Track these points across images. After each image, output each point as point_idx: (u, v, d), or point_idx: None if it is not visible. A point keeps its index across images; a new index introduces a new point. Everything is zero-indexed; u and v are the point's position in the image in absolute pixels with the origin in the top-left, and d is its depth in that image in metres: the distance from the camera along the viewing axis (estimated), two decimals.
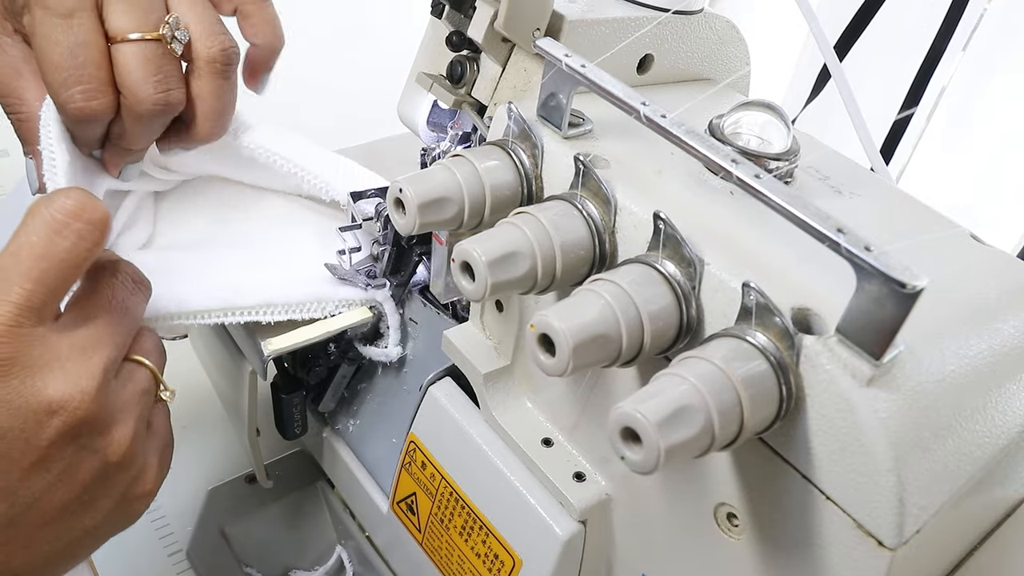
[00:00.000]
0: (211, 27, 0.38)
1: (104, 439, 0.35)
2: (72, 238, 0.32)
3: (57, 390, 0.32)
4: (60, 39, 0.35)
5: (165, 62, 0.37)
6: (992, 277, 0.34)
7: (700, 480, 0.32)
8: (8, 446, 0.32)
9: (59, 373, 0.33)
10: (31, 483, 0.33)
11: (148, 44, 0.36)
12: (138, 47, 0.36)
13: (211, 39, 0.38)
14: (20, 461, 0.32)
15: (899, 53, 1.15)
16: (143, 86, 0.37)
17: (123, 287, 0.36)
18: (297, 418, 0.50)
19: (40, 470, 0.33)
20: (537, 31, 0.36)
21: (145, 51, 0.36)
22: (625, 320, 0.27)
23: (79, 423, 0.33)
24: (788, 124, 0.34)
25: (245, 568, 0.55)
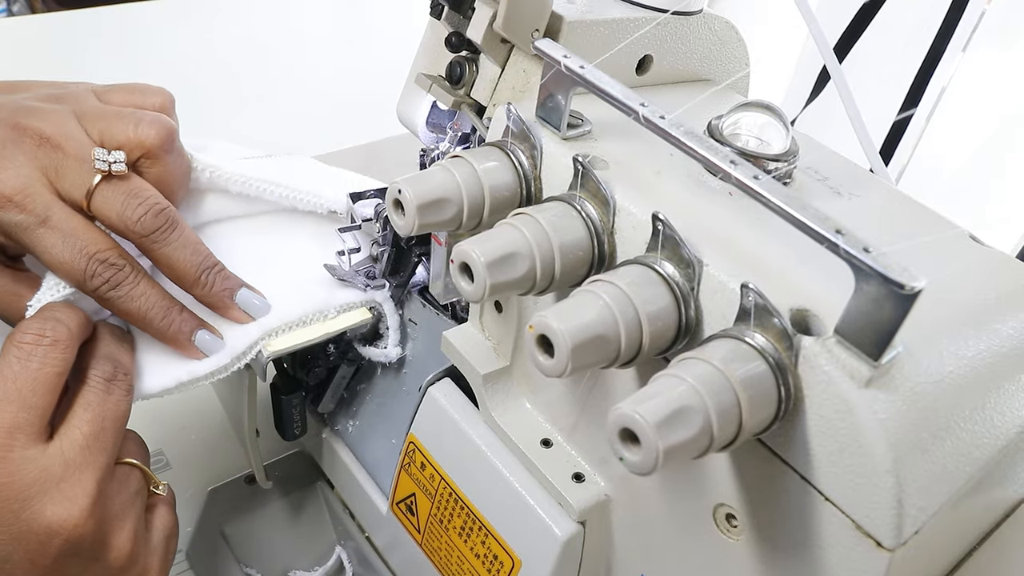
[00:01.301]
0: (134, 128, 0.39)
1: (105, 548, 0.36)
2: (37, 360, 0.35)
3: (55, 512, 0.34)
4: (53, 241, 0.37)
5: (121, 187, 0.39)
6: (991, 278, 0.34)
7: (699, 481, 0.32)
8: (13, 568, 0.34)
9: (55, 494, 0.34)
10: None
11: (100, 188, 0.38)
12: (97, 198, 0.38)
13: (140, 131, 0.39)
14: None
15: (899, 53, 1.15)
16: (124, 218, 0.38)
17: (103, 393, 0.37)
18: (297, 419, 0.50)
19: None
20: (536, 32, 0.36)
21: (103, 195, 0.38)
22: (624, 321, 0.27)
23: (79, 540, 0.35)
24: (787, 125, 0.34)
25: (245, 568, 0.55)
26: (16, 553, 0.34)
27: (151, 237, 0.39)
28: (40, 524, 0.34)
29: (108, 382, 0.37)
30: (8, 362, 0.35)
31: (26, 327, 0.36)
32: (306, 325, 0.44)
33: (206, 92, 0.46)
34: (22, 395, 0.35)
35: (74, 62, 0.96)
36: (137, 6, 1.10)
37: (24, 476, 0.34)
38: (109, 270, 0.38)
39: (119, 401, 0.38)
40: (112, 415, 0.37)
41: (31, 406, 0.35)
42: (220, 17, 1.14)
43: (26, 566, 0.34)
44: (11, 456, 0.34)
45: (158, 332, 0.40)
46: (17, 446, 0.34)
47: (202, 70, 0.90)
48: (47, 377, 0.35)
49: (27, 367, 0.35)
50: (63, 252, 0.37)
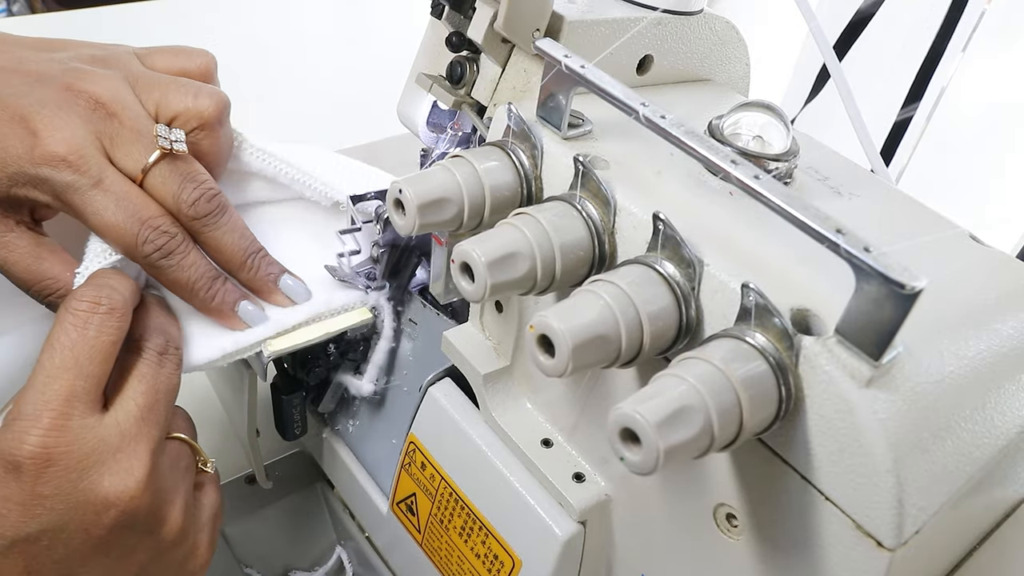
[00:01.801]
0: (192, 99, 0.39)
1: (158, 521, 0.36)
2: (94, 328, 0.35)
3: (112, 483, 0.34)
4: (104, 205, 0.37)
5: (179, 168, 0.38)
6: (991, 278, 0.34)
7: (699, 481, 0.32)
8: (69, 537, 0.33)
9: (112, 465, 0.34)
10: (91, 568, 0.34)
11: (159, 165, 0.38)
12: (154, 173, 0.38)
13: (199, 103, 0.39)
14: (80, 550, 0.34)
15: (899, 53, 1.15)
16: (179, 199, 0.38)
17: (155, 365, 0.37)
18: (297, 419, 0.50)
19: (99, 556, 0.34)
20: (537, 32, 0.36)
21: (161, 173, 0.38)
22: (624, 321, 0.27)
23: (134, 512, 0.34)
24: (787, 125, 0.34)
25: (245, 568, 0.55)
26: (72, 523, 0.33)
27: (203, 220, 0.39)
28: (97, 495, 0.33)
29: (161, 355, 0.37)
30: (64, 329, 0.35)
31: (81, 294, 0.36)
32: (306, 325, 0.44)
33: None
34: (79, 363, 0.34)
35: None
36: (137, 6, 1.09)
37: (82, 446, 0.33)
38: (162, 237, 0.38)
39: (171, 374, 0.37)
40: (165, 388, 0.37)
41: (88, 375, 0.34)
42: (220, 17, 1.13)
43: (81, 536, 0.33)
44: (69, 425, 0.33)
45: (203, 303, 0.40)
46: (75, 415, 0.34)
47: None
48: (103, 345, 0.35)
49: (84, 335, 0.35)
50: (116, 215, 0.37)
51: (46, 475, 0.33)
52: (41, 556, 0.33)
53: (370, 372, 0.48)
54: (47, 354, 0.34)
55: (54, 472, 0.33)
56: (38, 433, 0.33)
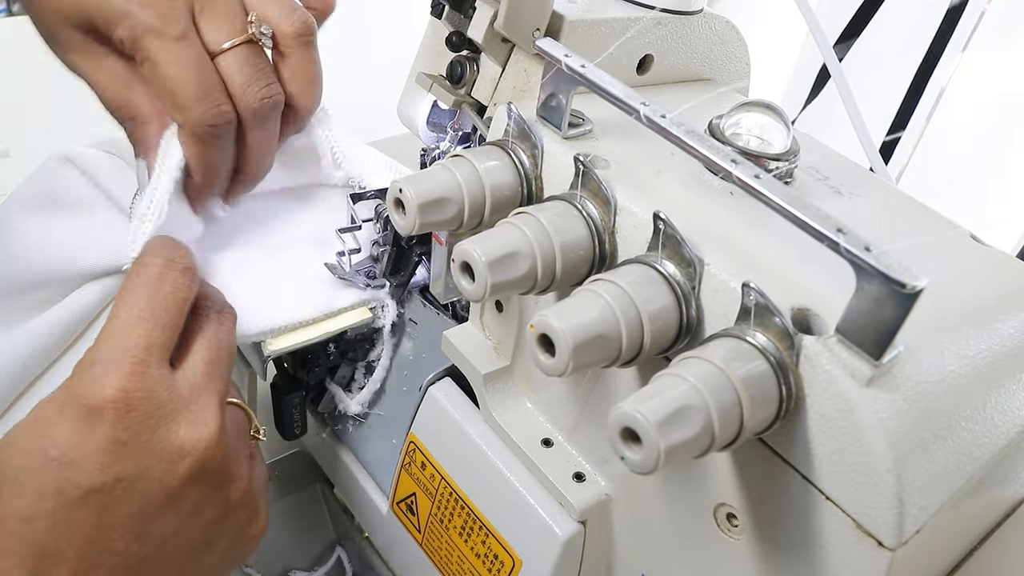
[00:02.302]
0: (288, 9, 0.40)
1: (227, 478, 0.36)
2: (170, 283, 0.35)
3: (188, 432, 0.34)
4: (182, 59, 0.36)
5: (259, 60, 0.39)
6: (992, 277, 0.34)
7: (700, 480, 0.32)
8: (144, 487, 0.33)
9: (187, 415, 0.34)
10: (162, 523, 0.34)
11: (242, 49, 0.38)
12: (234, 55, 0.38)
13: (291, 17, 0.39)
14: (154, 502, 0.34)
15: (899, 53, 1.15)
16: (249, 88, 0.38)
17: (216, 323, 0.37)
18: (297, 418, 0.50)
19: (171, 510, 0.34)
20: (537, 31, 0.36)
21: (241, 56, 0.38)
22: (625, 320, 0.27)
23: (206, 464, 0.35)
24: (788, 124, 0.34)
25: (245, 568, 0.55)
26: (147, 472, 0.33)
27: (258, 117, 0.39)
28: (173, 443, 0.33)
29: (219, 313, 0.38)
30: (142, 281, 0.35)
31: (155, 251, 0.36)
32: (306, 325, 0.44)
33: None
34: (156, 314, 0.35)
35: None
36: None
37: (160, 394, 0.34)
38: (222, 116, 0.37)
39: (230, 331, 0.38)
40: (226, 344, 0.37)
41: (164, 326, 0.35)
42: None
43: (156, 486, 0.33)
44: (148, 372, 0.34)
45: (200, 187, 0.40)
46: (153, 363, 0.34)
47: None
48: (177, 301, 0.35)
49: (160, 289, 0.35)
50: (189, 72, 0.36)
51: (125, 420, 0.33)
52: (114, 508, 0.33)
53: (362, 395, 0.48)
54: (123, 304, 0.35)
55: (133, 418, 0.33)
56: (119, 377, 0.33)
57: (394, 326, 0.47)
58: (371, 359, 0.49)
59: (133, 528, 0.33)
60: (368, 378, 0.48)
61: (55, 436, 0.32)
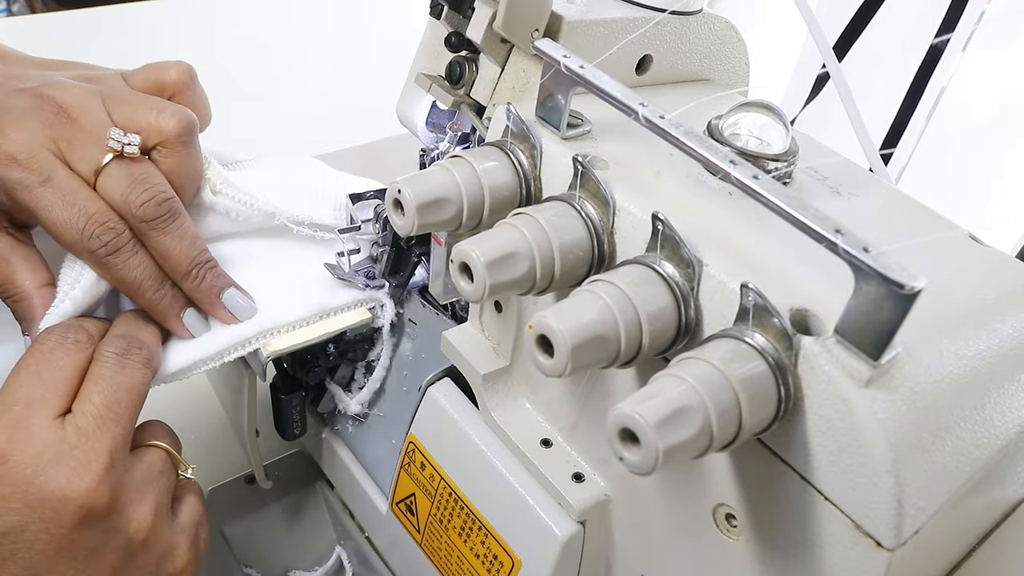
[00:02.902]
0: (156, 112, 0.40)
1: (123, 518, 0.36)
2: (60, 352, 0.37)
3: (68, 478, 0.34)
4: (52, 201, 0.37)
5: (131, 169, 0.39)
6: (991, 278, 0.34)
7: (699, 481, 0.32)
8: (32, 539, 0.34)
9: (69, 461, 0.34)
10: (61, 571, 0.34)
11: (110, 167, 0.38)
12: (105, 175, 0.38)
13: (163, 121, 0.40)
14: (46, 551, 0.34)
15: (899, 53, 1.15)
16: (128, 200, 0.38)
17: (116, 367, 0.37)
18: (296, 419, 0.50)
19: (67, 558, 0.34)
20: (536, 32, 0.36)
21: (112, 174, 0.38)
22: (624, 321, 0.27)
23: (92, 507, 0.35)
24: (787, 125, 0.34)
25: (245, 568, 0.55)
26: (32, 523, 0.34)
27: (151, 223, 0.39)
28: (53, 491, 0.34)
29: (121, 356, 0.38)
30: (32, 354, 0.37)
31: (51, 331, 0.38)
32: (306, 325, 0.44)
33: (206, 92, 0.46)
34: (43, 378, 0.36)
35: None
36: (137, 6, 1.09)
37: (38, 443, 0.34)
38: (108, 233, 0.38)
39: (133, 374, 0.38)
40: (126, 387, 0.37)
41: (49, 386, 0.36)
42: (220, 17, 1.13)
43: (44, 537, 0.34)
44: (27, 424, 0.34)
45: (150, 304, 0.40)
46: (34, 417, 0.35)
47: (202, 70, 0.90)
48: (66, 366, 0.37)
49: (49, 358, 0.37)
50: (62, 210, 0.37)
51: (2, 472, 0.33)
52: (7, 561, 0.33)
53: (361, 395, 0.48)
54: (13, 374, 0.36)
55: (9, 469, 0.34)
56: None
57: (393, 326, 0.47)
58: (371, 359, 0.49)
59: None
60: (368, 378, 0.49)
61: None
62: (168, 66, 0.44)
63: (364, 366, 0.49)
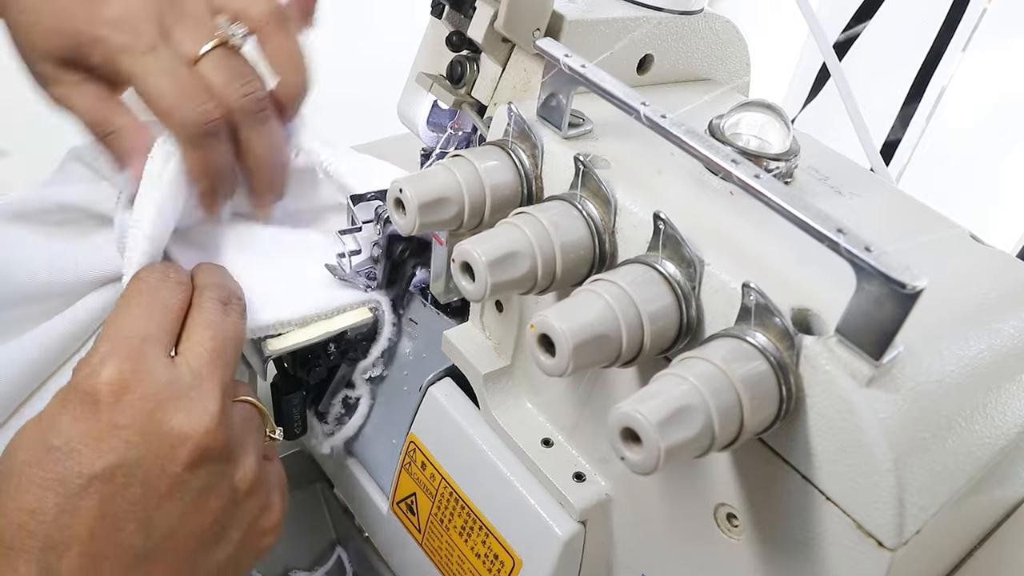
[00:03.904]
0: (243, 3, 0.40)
1: (232, 466, 0.36)
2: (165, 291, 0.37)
3: (187, 417, 0.34)
4: (157, 70, 0.37)
5: (234, 60, 0.39)
6: (992, 277, 0.34)
7: (700, 480, 0.32)
8: (145, 473, 0.33)
9: (186, 400, 0.34)
10: (167, 512, 0.34)
11: (216, 52, 0.38)
12: (209, 59, 0.38)
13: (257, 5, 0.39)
14: (157, 487, 0.34)
15: (899, 53, 1.15)
16: (228, 88, 0.38)
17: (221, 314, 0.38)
18: (297, 418, 0.50)
19: (175, 498, 0.34)
20: (537, 31, 0.36)
21: (216, 60, 0.38)
22: (625, 320, 0.27)
23: (208, 448, 0.35)
24: (788, 124, 0.34)
25: None
26: (147, 458, 0.33)
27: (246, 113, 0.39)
28: (172, 428, 0.34)
29: (224, 304, 0.38)
30: (137, 290, 0.37)
31: (151, 268, 0.38)
32: (307, 325, 0.44)
33: None
34: (152, 314, 0.36)
35: None
36: None
37: (158, 378, 0.34)
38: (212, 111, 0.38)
39: (236, 322, 0.38)
40: (232, 335, 0.37)
41: (160, 324, 0.36)
42: None
43: (157, 472, 0.33)
44: (144, 358, 0.34)
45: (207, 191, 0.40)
46: (150, 352, 0.34)
47: None
48: (173, 307, 0.37)
49: (155, 296, 0.36)
50: (166, 79, 0.37)
51: (122, 403, 0.33)
52: (116, 496, 0.33)
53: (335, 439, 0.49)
54: (120, 308, 0.36)
55: (130, 400, 0.33)
56: (115, 363, 0.34)
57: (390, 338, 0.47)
58: (352, 396, 0.49)
59: (137, 517, 0.33)
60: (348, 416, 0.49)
61: (58, 427, 0.33)
62: None
63: (343, 401, 0.50)
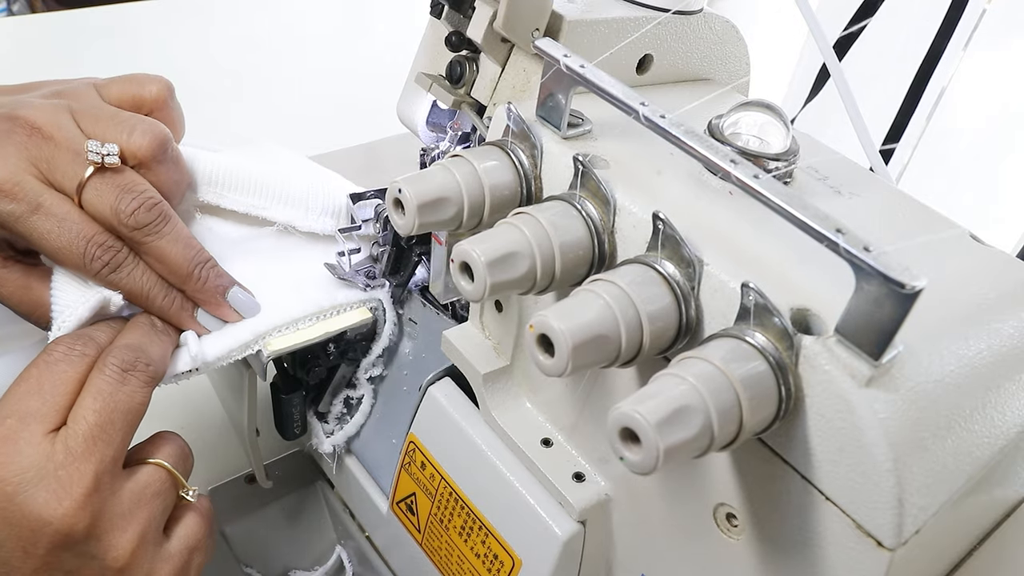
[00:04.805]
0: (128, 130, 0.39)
1: (101, 545, 0.35)
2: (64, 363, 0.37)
3: (47, 500, 0.34)
4: (48, 228, 0.37)
5: (115, 179, 0.39)
6: (992, 277, 0.34)
7: (699, 480, 0.32)
8: (7, 556, 0.33)
9: (51, 482, 0.34)
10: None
11: (93, 180, 0.38)
12: (89, 189, 0.38)
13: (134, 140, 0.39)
14: (21, 569, 0.34)
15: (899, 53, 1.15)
16: (117, 210, 0.38)
17: (117, 383, 0.37)
18: (297, 418, 0.50)
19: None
20: (536, 31, 0.36)
21: (96, 187, 0.38)
22: (624, 320, 0.27)
23: (70, 532, 0.34)
24: (787, 124, 0.34)
25: (245, 568, 0.55)
26: (9, 540, 0.33)
27: (144, 230, 0.39)
28: (32, 511, 0.33)
29: (124, 372, 0.37)
30: (37, 365, 0.37)
31: (59, 341, 0.38)
32: (306, 325, 0.44)
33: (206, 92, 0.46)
34: (43, 390, 0.36)
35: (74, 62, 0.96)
36: (137, 6, 1.09)
37: (23, 460, 0.34)
38: (108, 252, 0.38)
39: (133, 392, 0.37)
40: (124, 407, 0.36)
41: (47, 401, 0.35)
42: (220, 17, 1.14)
43: (19, 555, 0.33)
44: (17, 440, 0.34)
45: (161, 310, 0.40)
46: (24, 432, 0.34)
47: (202, 70, 0.90)
48: (69, 378, 0.36)
49: (50, 370, 0.36)
50: (60, 237, 0.37)
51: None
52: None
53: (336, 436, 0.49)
54: (14, 384, 0.36)
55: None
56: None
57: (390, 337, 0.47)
58: (353, 396, 0.49)
59: None
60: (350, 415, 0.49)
61: None
62: (146, 81, 0.43)
63: (344, 401, 0.50)
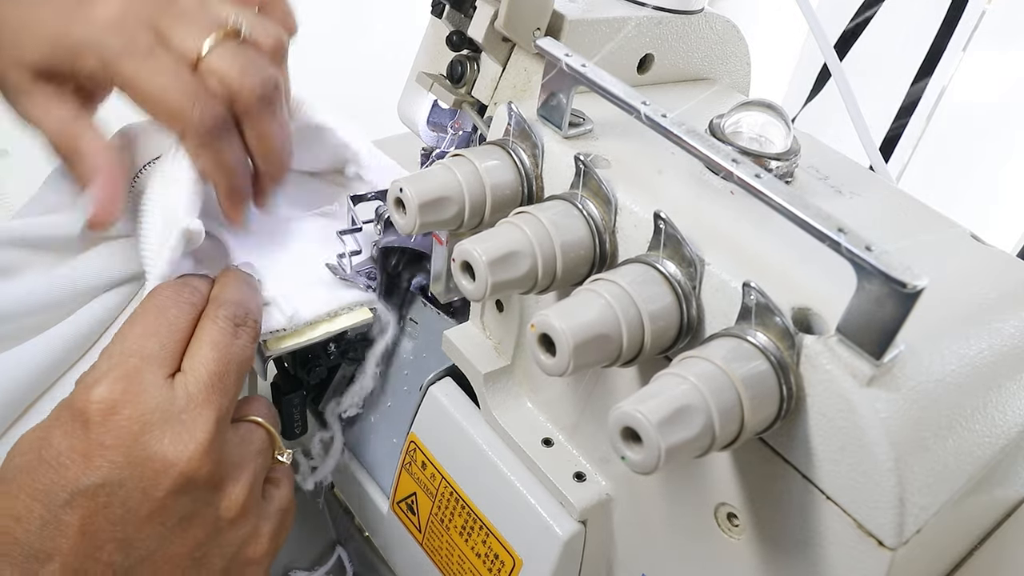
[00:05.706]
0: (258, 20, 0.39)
1: (218, 494, 0.36)
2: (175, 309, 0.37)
3: (173, 443, 0.34)
4: (159, 71, 0.36)
5: (246, 51, 0.38)
6: (992, 277, 0.34)
7: (700, 480, 0.32)
8: (127, 495, 0.33)
9: (175, 425, 0.34)
10: (147, 534, 0.34)
11: (225, 44, 0.37)
12: (219, 52, 0.37)
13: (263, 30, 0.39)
14: (137, 511, 0.33)
15: (899, 53, 1.15)
16: (246, 76, 0.37)
17: (231, 336, 0.37)
18: (297, 418, 0.50)
19: (156, 522, 0.34)
20: (537, 31, 0.36)
21: (226, 51, 0.37)
22: (625, 320, 0.27)
23: (192, 476, 0.34)
24: (788, 124, 0.34)
25: None
26: (131, 479, 0.33)
27: (265, 101, 0.38)
28: (156, 453, 0.33)
29: (237, 326, 0.37)
30: (146, 309, 0.36)
31: (165, 286, 0.37)
32: (307, 325, 0.44)
33: None
34: (158, 331, 0.36)
35: None
36: None
37: (148, 400, 0.34)
38: (216, 118, 0.37)
39: (245, 346, 0.37)
40: (238, 358, 0.37)
41: (164, 343, 0.35)
42: None
43: (138, 496, 0.33)
44: (139, 379, 0.34)
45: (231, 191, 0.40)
46: (146, 372, 0.34)
47: None
48: (182, 325, 0.36)
49: (166, 312, 0.36)
50: (171, 79, 0.36)
51: (109, 423, 0.33)
52: (98, 514, 0.33)
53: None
54: (127, 325, 0.36)
55: (117, 421, 0.33)
56: (107, 383, 0.33)
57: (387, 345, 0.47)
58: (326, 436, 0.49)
59: (116, 537, 0.33)
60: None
61: (49, 440, 0.33)
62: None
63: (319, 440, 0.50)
